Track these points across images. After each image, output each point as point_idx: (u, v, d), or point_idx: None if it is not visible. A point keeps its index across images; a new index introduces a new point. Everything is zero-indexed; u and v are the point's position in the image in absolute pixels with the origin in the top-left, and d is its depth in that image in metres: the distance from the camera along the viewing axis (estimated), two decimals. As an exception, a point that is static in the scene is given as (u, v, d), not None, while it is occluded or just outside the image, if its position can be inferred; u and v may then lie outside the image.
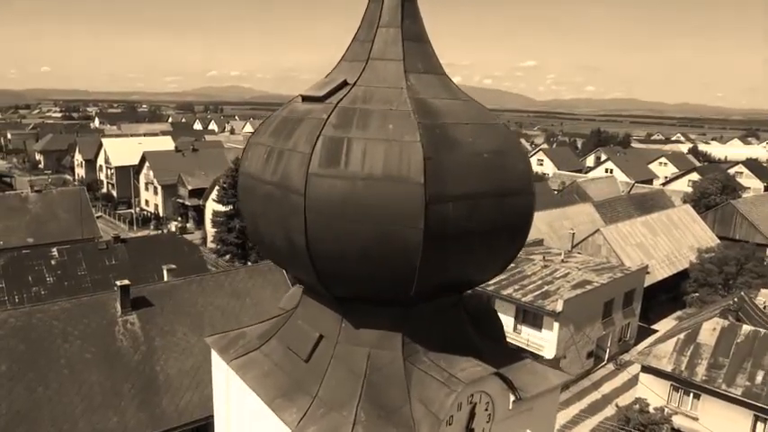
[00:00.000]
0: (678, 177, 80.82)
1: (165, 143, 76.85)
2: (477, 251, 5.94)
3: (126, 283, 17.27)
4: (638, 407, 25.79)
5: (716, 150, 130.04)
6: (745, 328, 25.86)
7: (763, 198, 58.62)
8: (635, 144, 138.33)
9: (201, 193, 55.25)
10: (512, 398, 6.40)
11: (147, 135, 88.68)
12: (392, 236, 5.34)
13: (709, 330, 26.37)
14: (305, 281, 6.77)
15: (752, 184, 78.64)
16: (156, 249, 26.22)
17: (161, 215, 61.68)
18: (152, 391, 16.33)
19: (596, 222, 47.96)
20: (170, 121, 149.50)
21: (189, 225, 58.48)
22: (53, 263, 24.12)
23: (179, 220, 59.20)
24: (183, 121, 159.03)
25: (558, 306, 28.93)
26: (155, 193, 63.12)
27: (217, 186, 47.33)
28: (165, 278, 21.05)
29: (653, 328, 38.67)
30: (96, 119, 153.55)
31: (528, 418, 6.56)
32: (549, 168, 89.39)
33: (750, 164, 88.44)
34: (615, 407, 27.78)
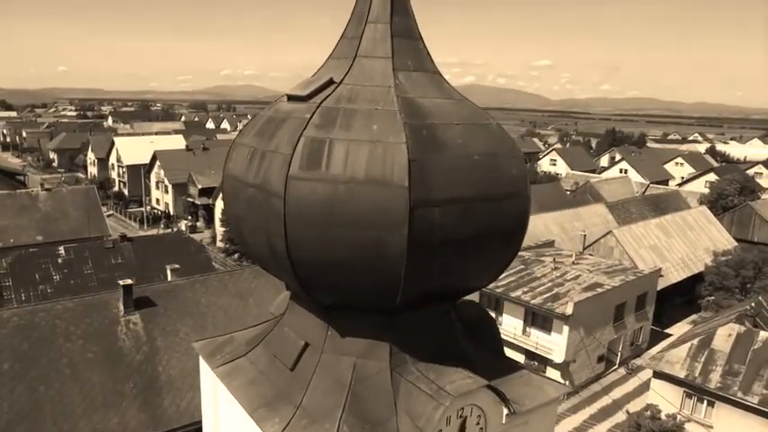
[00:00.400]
0: (695, 178, 79.28)
1: (177, 142, 77.41)
2: (469, 258, 5.66)
3: (128, 282, 17.25)
4: (649, 413, 25.20)
5: (734, 150, 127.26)
6: (763, 334, 25.12)
7: (782, 199, 57.19)
8: (650, 144, 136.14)
9: (211, 192, 55.51)
10: (505, 411, 6.12)
11: (160, 134, 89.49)
12: (375, 242, 5.09)
13: (725, 336, 25.68)
14: (290, 287, 6.56)
15: (772, 185, 76.79)
16: (163, 248, 26.29)
17: (171, 214, 62.15)
18: (153, 392, 16.29)
19: (609, 223, 47.19)
20: (183, 119, 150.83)
21: (199, 224, 58.82)
22: (60, 261, 24.32)
23: (189, 218, 59.56)
24: (196, 119, 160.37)
25: (568, 309, 28.41)
26: (165, 191, 63.63)
27: (226, 185, 47.28)
28: (169, 278, 21.06)
29: (666, 332, 37.90)
30: (110, 117, 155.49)
31: (522, 432, 6.26)
32: (563, 168, 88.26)
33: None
34: (626, 413, 27.20)
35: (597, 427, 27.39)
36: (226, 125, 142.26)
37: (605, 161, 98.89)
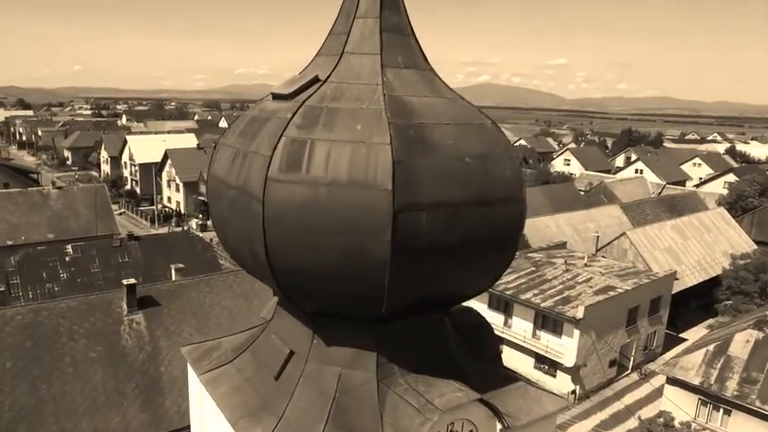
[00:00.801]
0: (713, 179, 77.53)
1: (189, 141, 77.91)
2: (459, 265, 5.37)
3: (132, 282, 17.24)
4: (662, 420, 24.58)
5: (755, 150, 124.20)
6: (782, 340, 24.32)
7: (805, 201, 55.54)
8: (668, 144, 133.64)
9: (223, 191, 55.60)
10: (498, 426, 5.82)
11: (172, 132, 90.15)
12: (357, 248, 4.83)
13: (742, 342, 24.94)
14: (275, 292, 6.32)
15: (793, 186, 74.66)
16: (170, 247, 26.34)
17: (182, 212, 62.57)
18: (155, 392, 16.23)
19: (623, 225, 46.30)
20: (196, 118, 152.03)
21: (209, 222, 59.14)
22: (67, 259, 24.50)
23: (200, 217, 59.89)
24: (209, 118, 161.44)
25: (579, 312, 27.84)
26: (176, 190, 64.10)
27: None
28: (174, 277, 21.03)
29: (682, 336, 37.04)
30: (124, 116, 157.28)
31: (516, 449, 5.94)
32: (576, 168, 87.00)
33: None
34: (638, 419, 26.58)
35: (608, 433, 26.81)
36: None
37: (620, 161, 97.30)
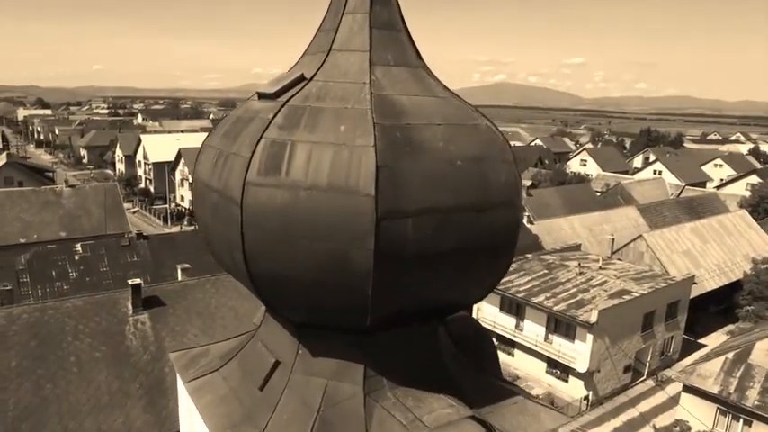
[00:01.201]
0: (735, 180, 75.64)
1: (203, 140, 78.31)
2: (450, 274, 5.07)
3: (137, 281, 17.22)
4: (678, 429, 23.90)
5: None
6: (805, 349, 23.44)
7: (830, 204, 53.73)
8: (688, 144, 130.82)
9: (235, 191, 55.86)
10: (492, 444, 5.50)
11: (187, 131, 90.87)
12: (339, 256, 4.56)
13: (764, 350, 24.11)
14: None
15: (819, 188, 72.36)
16: (178, 247, 26.39)
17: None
18: (159, 393, 16.18)
19: (640, 227, 45.30)
20: (211, 117, 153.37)
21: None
22: (77, 258, 24.69)
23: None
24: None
25: (593, 317, 27.21)
26: (189, 189, 64.62)
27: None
28: (180, 277, 21.02)
29: (700, 342, 36.05)
30: (139, 115, 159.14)
31: (510, 469, 5.61)
32: (593, 169, 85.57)
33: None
34: (653, 428, 25.87)
35: (621, 441, 26.14)
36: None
37: (639, 162, 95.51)
